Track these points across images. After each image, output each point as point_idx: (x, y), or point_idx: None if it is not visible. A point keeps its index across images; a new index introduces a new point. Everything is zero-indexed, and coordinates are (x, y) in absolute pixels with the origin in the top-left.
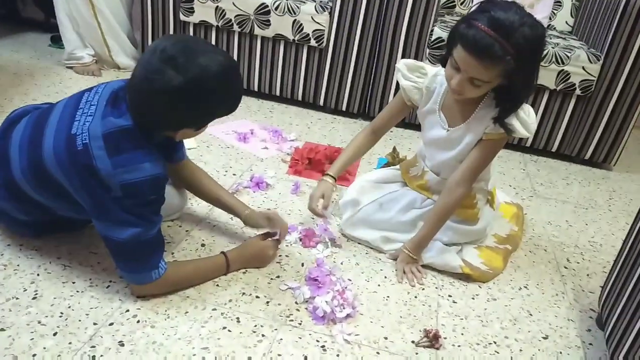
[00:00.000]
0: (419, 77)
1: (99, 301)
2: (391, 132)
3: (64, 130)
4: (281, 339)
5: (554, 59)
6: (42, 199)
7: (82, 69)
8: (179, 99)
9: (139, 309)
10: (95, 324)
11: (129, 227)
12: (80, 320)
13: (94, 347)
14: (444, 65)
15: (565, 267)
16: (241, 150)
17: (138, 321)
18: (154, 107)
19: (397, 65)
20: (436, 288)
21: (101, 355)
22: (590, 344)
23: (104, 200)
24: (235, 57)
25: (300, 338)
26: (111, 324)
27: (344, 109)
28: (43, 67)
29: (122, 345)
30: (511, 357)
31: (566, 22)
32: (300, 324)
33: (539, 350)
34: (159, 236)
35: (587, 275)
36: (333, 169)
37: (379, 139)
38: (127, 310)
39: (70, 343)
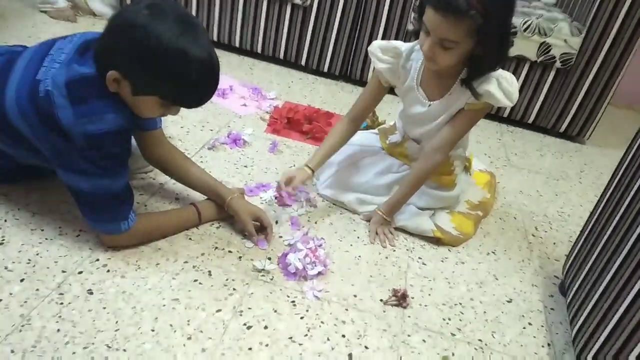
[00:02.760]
0: (393, 58)
1: (68, 249)
2: None
3: (29, 76)
4: (252, 293)
5: (536, 31)
6: (2, 146)
7: (56, 13)
8: (132, 39)
9: (109, 258)
10: (64, 271)
11: (93, 178)
12: (48, 268)
13: (62, 294)
14: (417, 38)
15: (533, 235)
16: (219, 105)
17: (108, 271)
18: (109, 41)
19: (369, 49)
20: (407, 250)
21: (69, 303)
22: (552, 308)
23: (66, 150)
24: (217, 13)
25: (271, 293)
26: (80, 272)
27: (325, 70)
28: (15, 9)
29: (91, 293)
30: (475, 318)
31: None
32: (271, 279)
33: (502, 312)
34: (126, 188)
35: (554, 243)
36: (314, 162)
37: (359, 127)
38: (97, 260)
39: (37, 290)
